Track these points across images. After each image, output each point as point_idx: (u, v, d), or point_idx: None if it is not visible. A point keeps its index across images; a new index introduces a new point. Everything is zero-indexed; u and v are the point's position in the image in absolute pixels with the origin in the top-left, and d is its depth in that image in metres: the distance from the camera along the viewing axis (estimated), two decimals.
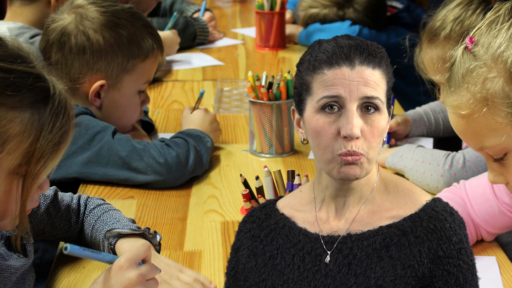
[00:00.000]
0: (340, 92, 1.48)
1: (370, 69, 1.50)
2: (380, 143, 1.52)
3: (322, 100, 1.49)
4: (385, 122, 1.52)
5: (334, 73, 1.49)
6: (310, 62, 1.52)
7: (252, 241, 1.61)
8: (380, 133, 1.51)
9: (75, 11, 2.48)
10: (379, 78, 1.51)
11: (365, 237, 1.52)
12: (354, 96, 1.48)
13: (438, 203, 1.53)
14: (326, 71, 1.50)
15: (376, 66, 1.51)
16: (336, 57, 1.50)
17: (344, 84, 1.48)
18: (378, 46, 1.54)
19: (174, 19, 3.82)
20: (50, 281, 1.93)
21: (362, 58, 1.50)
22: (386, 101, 1.53)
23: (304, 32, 3.95)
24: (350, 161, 1.48)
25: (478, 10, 2.38)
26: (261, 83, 2.59)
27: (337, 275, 1.51)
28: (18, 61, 1.47)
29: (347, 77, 1.48)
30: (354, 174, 1.49)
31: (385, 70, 1.52)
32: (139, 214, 2.26)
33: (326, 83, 1.49)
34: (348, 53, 1.50)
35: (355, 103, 1.48)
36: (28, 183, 1.49)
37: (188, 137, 2.48)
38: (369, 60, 1.50)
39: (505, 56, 1.51)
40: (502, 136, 1.55)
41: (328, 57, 1.50)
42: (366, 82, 1.49)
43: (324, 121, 1.49)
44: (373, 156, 1.51)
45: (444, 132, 2.79)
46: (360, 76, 1.49)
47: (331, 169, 1.50)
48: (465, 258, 1.49)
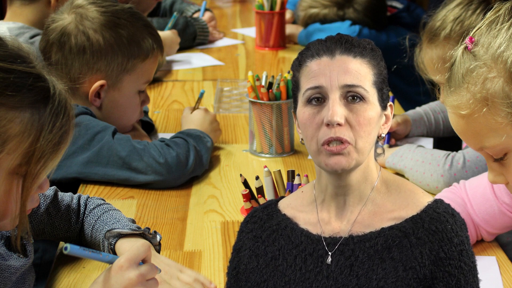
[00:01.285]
0: (322, 82, 1.50)
1: (351, 57, 1.52)
2: (370, 134, 1.51)
3: (306, 92, 1.52)
4: (374, 112, 1.51)
5: (316, 64, 1.52)
6: (298, 58, 1.57)
7: (254, 241, 1.61)
8: (368, 122, 1.50)
9: (75, 11, 2.48)
10: (362, 67, 1.52)
11: (367, 238, 1.51)
12: (335, 85, 1.50)
13: (440, 204, 1.53)
14: (309, 63, 1.54)
15: (358, 55, 1.52)
16: (318, 49, 1.53)
17: (325, 74, 1.51)
18: (366, 40, 1.56)
19: (174, 19, 3.82)
20: (50, 281, 1.93)
21: (342, 48, 1.52)
22: (376, 92, 1.53)
23: (304, 32, 3.94)
24: (334, 151, 1.48)
25: (478, 10, 2.38)
26: (261, 83, 2.59)
27: (339, 276, 1.51)
28: (18, 61, 1.47)
29: (327, 67, 1.51)
30: (341, 165, 1.49)
31: (370, 61, 1.53)
32: (139, 214, 2.26)
33: (309, 75, 1.53)
34: (330, 45, 1.53)
35: (337, 92, 1.50)
36: (28, 183, 1.49)
37: (188, 137, 2.48)
38: (349, 50, 1.52)
39: (505, 56, 1.51)
40: (502, 136, 1.55)
41: (311, 51, 1.54)
42: (346, 71, 1.51)
43: (309, 113, 1.52)
44: (362, 146, 1.50)
45: (444, 132, 2.79)
46: (340, 65, 1.51)
47: (320, 162, 1.51)
48: (466, 259, 1.49)
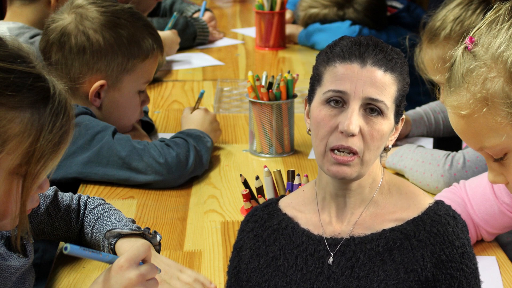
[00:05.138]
0: (346, 88, 1.48)
1: (381, 71, 1.48)
2: (379, 148, 1.50)
3: (328, 93, 1.49)
4: (387, 127, 1.50)
5: (345, 68, 1.49)
6: (327, 54, 1.52)
7: (254, 241, 1.60)
8: (380, 137, 1.49)
9: (75, 11, 2.48)
10: (389, 83, 1.49)
11: (368, 240, 1.51)
12: (358, 94, 1.47)
13: (441, 206, 1.53)
14: (337, 64, 1.50)
15: (388, 70, 1.49)
16: (350, 53, 1.49)
17: (352, 81, 1.48)
18: (398, 52, 1.52)
19: (174, 19, 3.82)
20: (50, 281, 1.93)
21: (375, 59, 1.48)
22: (394, 108, 1.51)
23: (304, 32, 3.94)
24: (341, 161, 1.47)
25: (478, 10, 2.38)
26: (261, 83, 2.59)
27: (339, 277, 1.51)
28: (18, 61, 1.47)
29: (356, 74, 1.48)
30: (343, 174, 1.48)
31: (398, 77, 1.50)
32: (139, 214, 2.25)
33: (335, 76, 1.49)
34: (363, 51, 1.49)
35: (358, 102, 1.47)
36: (28, 183, 1.49)
37: (188, 137, 2.48)
38: (381, 62, 1.48)
39: (505, 56, 1.51)
40: (502, 136, 1.55)
41: (343, 51, 1.50)
42: (373, 83, 1.47)
43: (325, 113, 1.49)
44: (368, 159, 1.49)
45: (444, 132, 2.79)
46: (368, 76, 1.48)
47: (323, 164, 1.50)
48: (468, 262, 1.48)
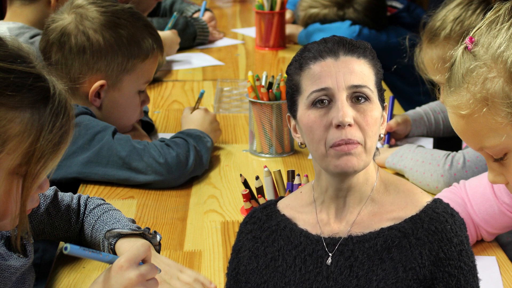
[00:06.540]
0: (328, 83, 1.49)
1: (355, 58, 1.51)
2: (376, 133, 1.51)
3: (311, 95, 1.50)
4: (377, 112, 1.51)
5: (320, 66, 1.51)
6: (298, 61, 1.55)
7: (253, 242, 1.61)
8: (375, 122, 1.50)
9: (75, 11, 2.48)
10: (365, 67, 1.52)
11: (366, 239, 1.51)
12: (341, 86, 1.49)
13: (439, 204, 1.53)
14: (312, 65, 1.52)
15: (361, 55, 1.52)
16: (320, 51, 1.52)
17: (331, 75, 1.50)
18: (363, 42, 1.56)
19: (174, 19, 3.82)
20: (50, 281, 1.93)
21: (345, 49, 1.52)
22: (377, 92, 1.53)
23: (304, 32, 3.94)
24: (345, 150, 1.47)
25: (478, 10, 2.38)
26: (261, 83, 2.59)
27: (338, 277, 1.51)
28: (18, 61, 1.47)
29: (332, 68, 1.50)
30: (351, 166, 1.48)
31: (371, 61, 1.53)
32: (139, 214, 2.25)
33: (313, 77, 1.51)
34: (332, 46, 1.52)
35: (344, 93, 1.49)
36: (28, 183, 1.49)
37: (188, 137, 2.48)
38: (353, 51, 1.52)
39: (505, 56, 1.51)
40: (502, 136, 1.55)
41: (313, 52, 1.53)
42: (352, 71, 1.50)
43: (315, 115, 1.50)
44: (370, 146, 1.50)
45: (444, 132, 2.79)
46: (345, 66, 1.50)
47: (327, 164, 1.49)
48: (466, 260, 1.48)
